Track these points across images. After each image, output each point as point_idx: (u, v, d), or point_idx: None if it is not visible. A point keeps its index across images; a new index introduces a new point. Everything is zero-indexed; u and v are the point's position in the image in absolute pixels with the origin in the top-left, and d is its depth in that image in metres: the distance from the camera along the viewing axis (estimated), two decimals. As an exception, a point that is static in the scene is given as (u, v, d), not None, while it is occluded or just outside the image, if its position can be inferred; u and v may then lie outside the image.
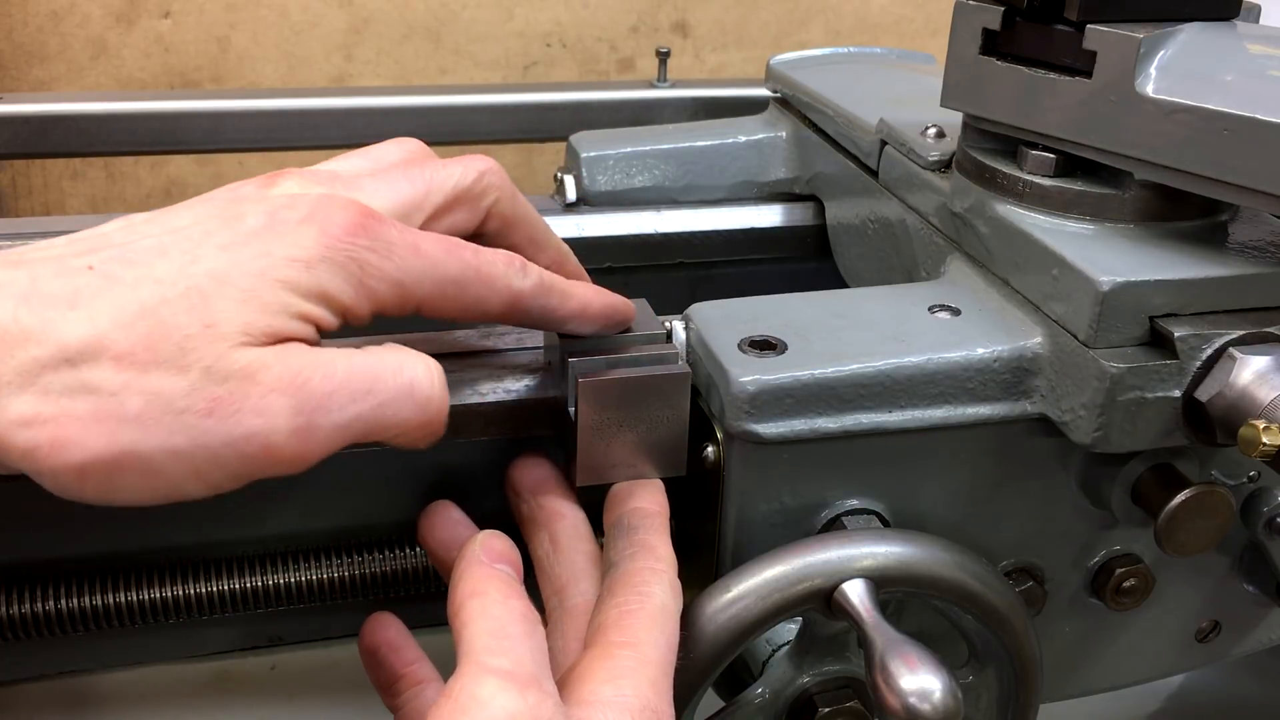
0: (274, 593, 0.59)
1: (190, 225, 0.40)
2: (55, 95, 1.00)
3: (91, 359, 0.37)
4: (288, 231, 0.40)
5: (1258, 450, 0.45)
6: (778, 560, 0.46)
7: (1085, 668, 0.60)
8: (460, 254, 0.43)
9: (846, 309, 0.53)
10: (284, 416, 0.38)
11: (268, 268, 0.39)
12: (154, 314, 0.37)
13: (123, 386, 0.37)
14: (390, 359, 0.42)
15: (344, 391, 0.40)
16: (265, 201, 0.41)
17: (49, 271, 0.38)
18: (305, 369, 0.39)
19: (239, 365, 0.38)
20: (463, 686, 0.38)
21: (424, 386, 0.42)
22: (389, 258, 0.41)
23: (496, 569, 0.43)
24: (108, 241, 0.40)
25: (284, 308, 0.39)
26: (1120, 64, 0.50)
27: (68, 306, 0.37)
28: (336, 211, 0.41)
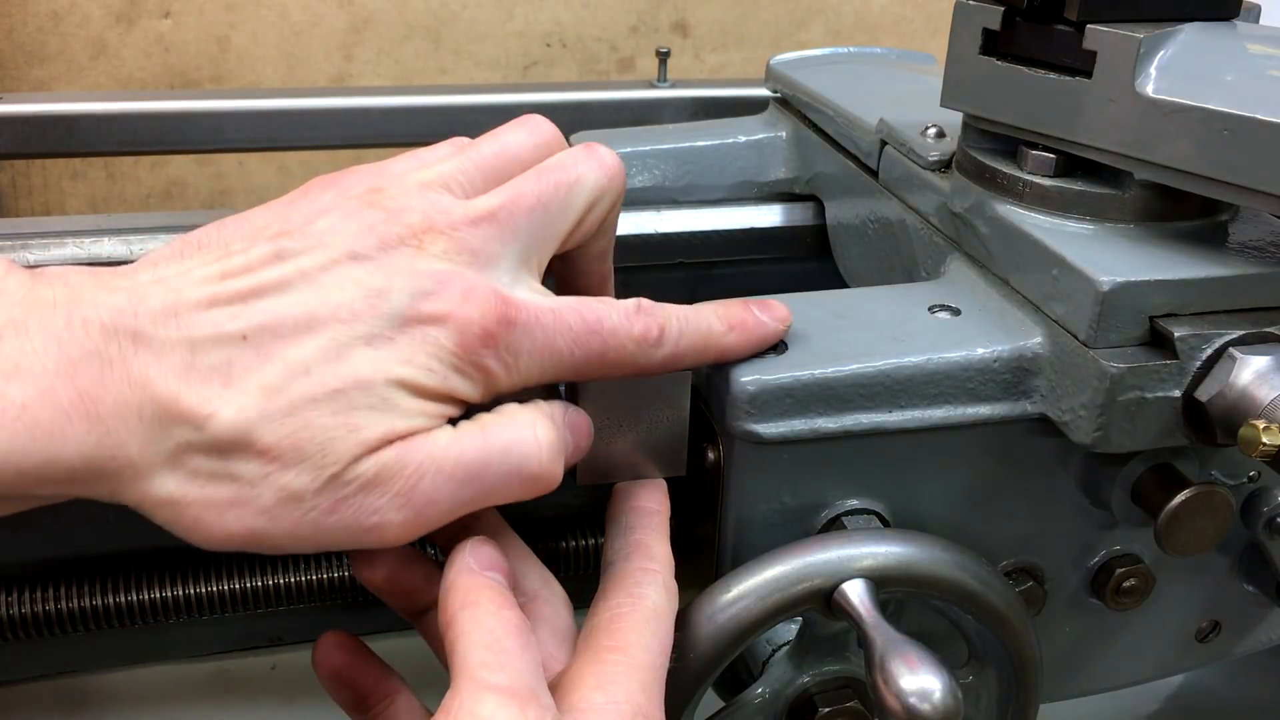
0: (274, 593, 0.59)
1: (336, 287, 0.40)
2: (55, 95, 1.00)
3: (240, 451, 0.38)
4: (429, 332, 0.40)
5: (1258, 450, 0.45)
6: (778, 560, 0.46)
7: (1085, 668, 0.60)
8: (589, 344, 0.44)
9: (846, 309, 0.53)
10: (395, 514, 0.40)
11: (408, 377, 0.40)
12: (301, 414, 0.39)
13: (262, 479, 0.38)
14: (500, 439, 0.42)
15: (452, 484, 0.41)
16: (412, 279, 0.41)
17: (205, 339, 0.38)
18: (420, 469, 0.40)
19: (364, 470, 0.39)
20: (461, 704, 0.38)
21: (533, 465, 0.43)
22: (515, 365, 0.42)
23: (487, 577, 0.43)
24: (258, 289, 0.40)
25: (418, 411, 0.40)
26: (1120, 64, 0.50)
27: (222, 384, 0.38)
28: (475, 315, 0.41)
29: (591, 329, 0.44)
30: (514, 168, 0.46)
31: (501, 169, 0.46)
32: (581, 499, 0.64)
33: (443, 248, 0.42)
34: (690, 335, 0.46)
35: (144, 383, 0.37)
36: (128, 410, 0.37)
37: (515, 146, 0.47)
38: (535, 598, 0.47)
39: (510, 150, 0.47)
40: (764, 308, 0.49)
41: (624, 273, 0.51)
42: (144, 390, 0.37)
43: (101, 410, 0.36)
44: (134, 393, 0.37)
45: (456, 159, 0.46)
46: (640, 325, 0.45)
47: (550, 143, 0.48)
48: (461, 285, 0.41)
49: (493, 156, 0.46)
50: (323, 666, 0.50)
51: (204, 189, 1.24)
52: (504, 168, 0.46)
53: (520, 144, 0.47)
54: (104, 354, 0.37)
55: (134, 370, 0.37)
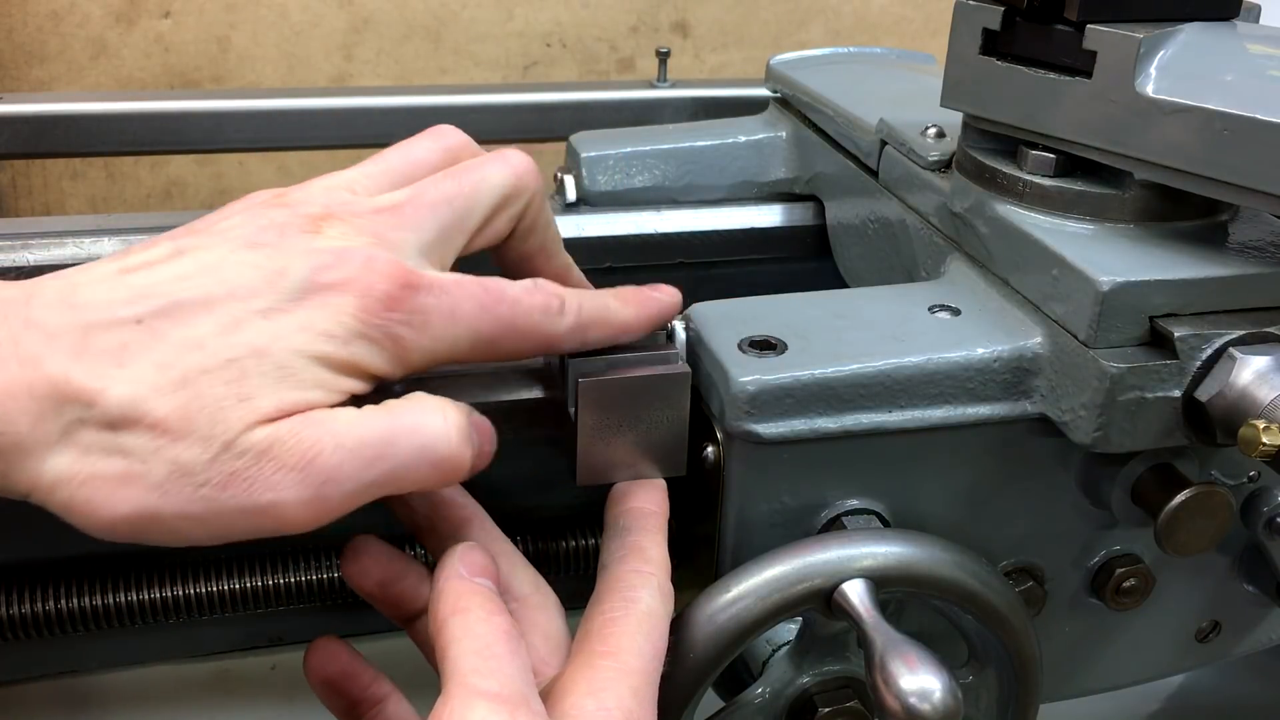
0: (274, 593, 0.59)
1: (234, 272, 0.40)
2: (55, 95, 1.00)
3: (130, 425, 0.38)
4: (329, 299, 0.40)
5: (1258, 450, 0.45)
6: (778, 560, 0.46)
7: (1085, 668, 0.60)
8: (496, 310, 0.44)
9: (846, 309, 0.53)
10: (293, 490, 0.39)
11: (306, 344, 0.39)
12: (193, 385, 0.38)
13: (153, 453, 0.38)
14: (408, 418, 0.41)
15: (354, 461, 0.40)
16: (310, 255, 0.41)
17: (99, 323, 0.38)
18: (318, 442, 0.39)
19: (257, 440, 0.38)
20: (452, 710, 0.38)
21: (441, 446, 0.42)
22: (424, 330, 0.42)
23: (477, 583, 0.43)
24: (156, 280, 0.40)
25: (317, 383, 0.40)
26: (1120, 64, 0.50)
27: (115, 364, 0.38)
28: (378, 281, 0.41)
29: (495, 298, 0.44)
30: (420, 172, 0.46)
31: (408, 173, 0.46)
32: (581, 499, 0.64)
33: (341, 230, 0.42)
34: (590, 308, 0.47)
35: (34, 362, 0.37)
36: (18, 387, 0.37)
37: (422, 153, 0.47)
38: (526, 602, 0.47)
39: (416, 157, 0.47)
40: (653, 288, 0.50)
41: (624, 273, 0.51)
42: (34, 368, 0.37)
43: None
44: (24, 370, 0.37)
45: (362, 166, 0.46)
46: (541, 296, 0.45)
47: (458, 148, 0.48)
48: (361, 256, 0.41)
49: (399, 162, 0.47)
50: (314, 674, 0.50)
51: (204, 189, 1.24)
52: (410, 172, 0.46)
53: (428, 150, 0.48)
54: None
55: (23, 350, 0.37)
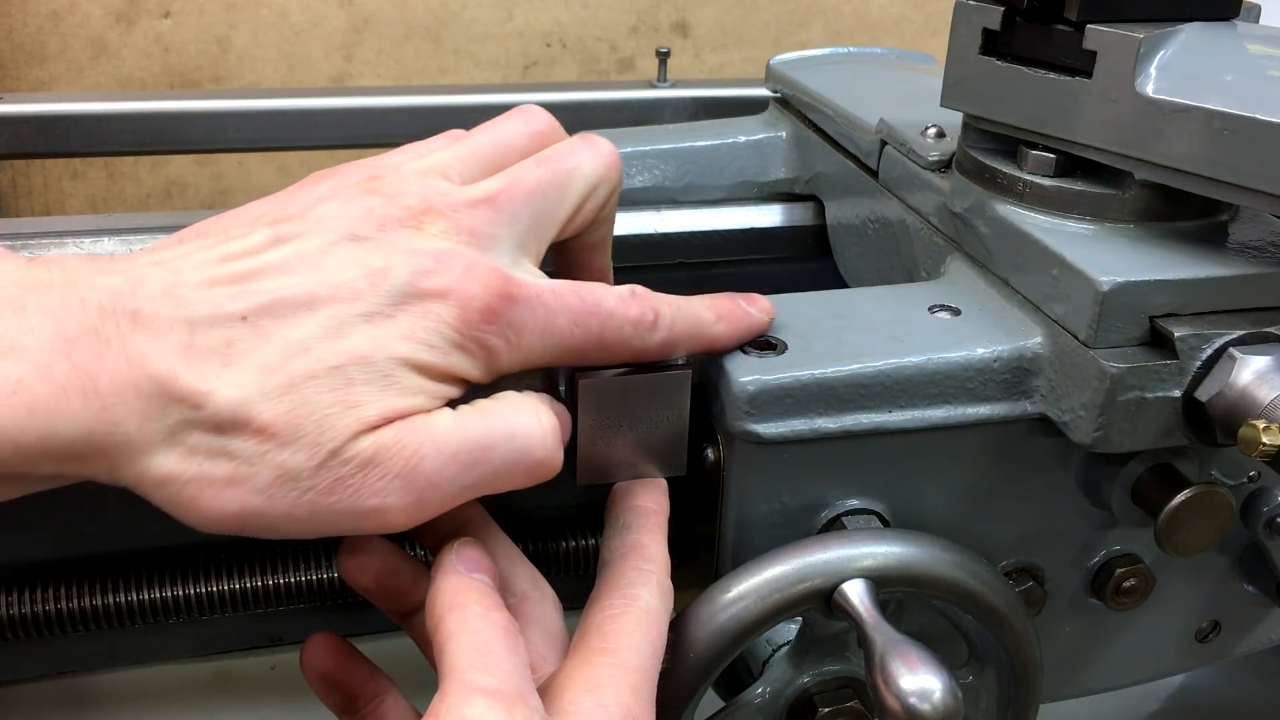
0: (274, 593, 0.59)
1: (335, 268, 0.40)
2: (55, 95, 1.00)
3: (238, 428, 0.38)
4: (430, 307, 0.40)
5: (1258, 450, 0.45)
6: (778, 560, 0.46)
7: (1085, 668, 0.60)
8: (588, 324, 0.44)
9: (846, 309, 0.53)
10: (396, 496, 0.39)
11: (409, 353, 0.40)
12: (299, 390, 0.38)
13: (260, 458, 0.38)
14: (504, 423, 0.42)
15: (454, 466, 0.40)
16: (412, 257, 0.41)
17: (204, 319, 0.38)
18: (420, 448, 0.40)
19: (363, 448, 0.39)
20: (449, 707, 0.38)
21: (537, 451, 0.42)
22: (518, 343, 0.42)
23: (474, 579, 0.43)
24: (259, 269, 0.40)
25: (419, 389, 0.40)
26: (1120, 64, 0.50)
27: (220, 364, 0.38)
28: (478, 291, 0.41)
29: (590, 310, 0.44)
30: (511, 156, 0.46)
31: (499, 157, 0.46)
32: (581, 499, 0.64)
33: (441, 228, 0.42)
34: (683, 322, 0.46)
35: (141, 360, 0.37)
36: (125, 386, 0.37)
37: (512, 136, 0.47)
38: (524, 598, 0.47)
39: (506, 139, 0.47)
40: (750, 300, 0.50)
41: (624, 273, 0.51)
42: (141, 367, 0.37)
43: (99, 386, 0.36)
44: (131, 369, 0.37)
45: (453, 148, 0.46)
46: (636, 309, 0.45)
47: (547, 132, 0.48)
48: (462, 262, 0.41)
49: (490, 145, 0.47)
50: (311, 669, 0.50)
51: (204, 189, 1.24)
52: (501, 156, 0.46)
53: (516, 133, 0.47)
54: (101, 331, 0.37)
55: (131, 347, 0.37)
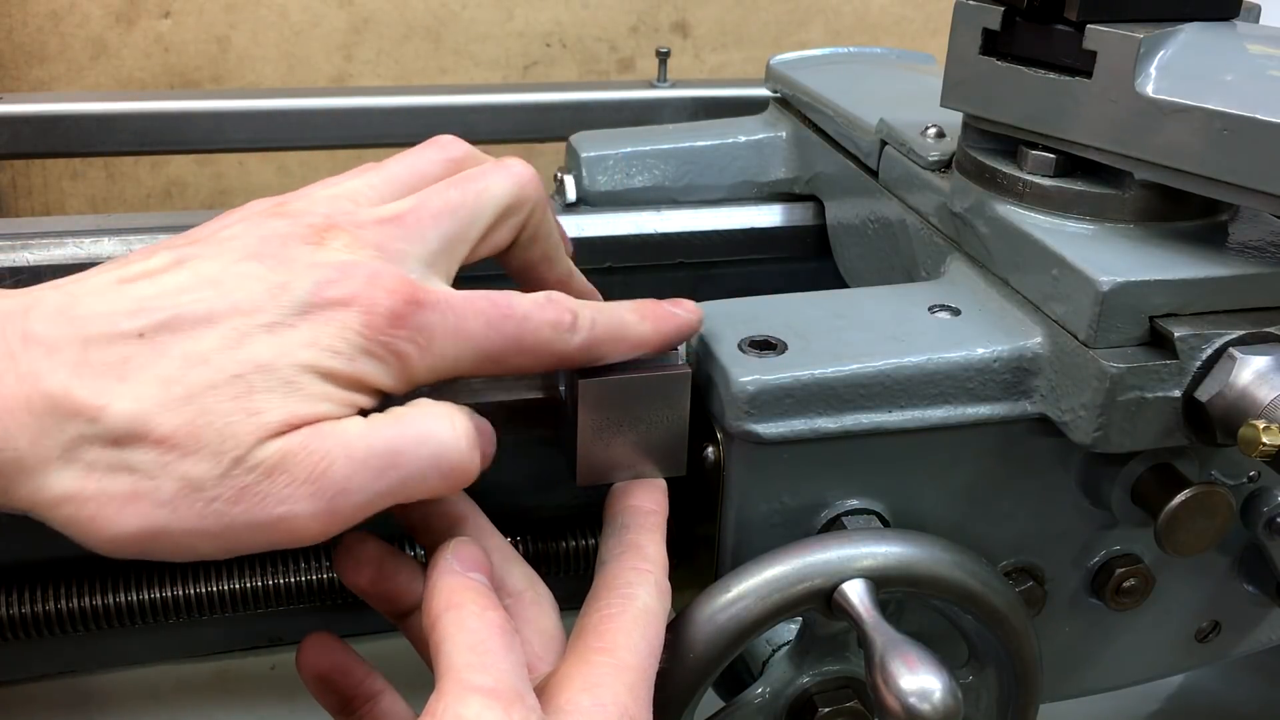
0: (274, 593, 0.59)
1: (236, 285, 0.40)
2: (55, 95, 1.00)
3: (136, 441, 0.37)
4: (334, 315, 0.40)
5: (1258, 450, 0.45)
6: (778, 560, 0.46)
7: (1085, 668, 0.60)
8: (503, 328, 0.43)
9: (846, 309, 0.53)
10: (305, 503, 0.39)
11: (312, 359, 0.39)
12: (199, 400, 0.38)
13: (161, 470, 0.37)
14: (416, 426, 0.41)
15: (365, 472, 0.40)
16: (314, 270, 0.40)
17: (100, 336, 0.38)
18: (329, 454, 0.39)
19: (268, 454, 0.38)
20: (446, 706, 0.38)
21: (451, 455, 0.42)
22: (429, 347, 0.41)
23: (471, 578, 0.43)
24: (157, 292, 0.39)
25: (324, 396, 0.39)
26: (1120, 64, 0.50)
27: (116, 379, 0.37)
28: (383, 297, 0.40)
29: (504, 313, 0.43)
30: (425, 184, 0.46)
31: (413, 184, 0.46)
32: (581, 499, 0.64)
33: (345, 242, 0.42)
34: (604, 323, 0.46)
35: (32, 377, 0.36)
36: (15, 403, 0.36)
37: (425, 165, 0.47)
38: (520, 598, 0.47)
39: (420, 168, 0.47)
40: (675, 304, 0.49)
41: (624, 273, 0.51)
42: (32, 384, 0.36)
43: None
44: (21, 386, 0.36)
45: (365, 176, 0.46)
46: (553, 311, 0.44)
47: (463, 159, 0.48)
48: (365, 271, 0.41)
49: (404, 173, 0.47)
50: (307, 669, 0.50)
51: (204, 189, 1.24)
52: (414, 184, 0.46)
53: (431, 161, 0.47)
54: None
55: (21, 365, 0.36)
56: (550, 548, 0.60)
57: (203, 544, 0.38)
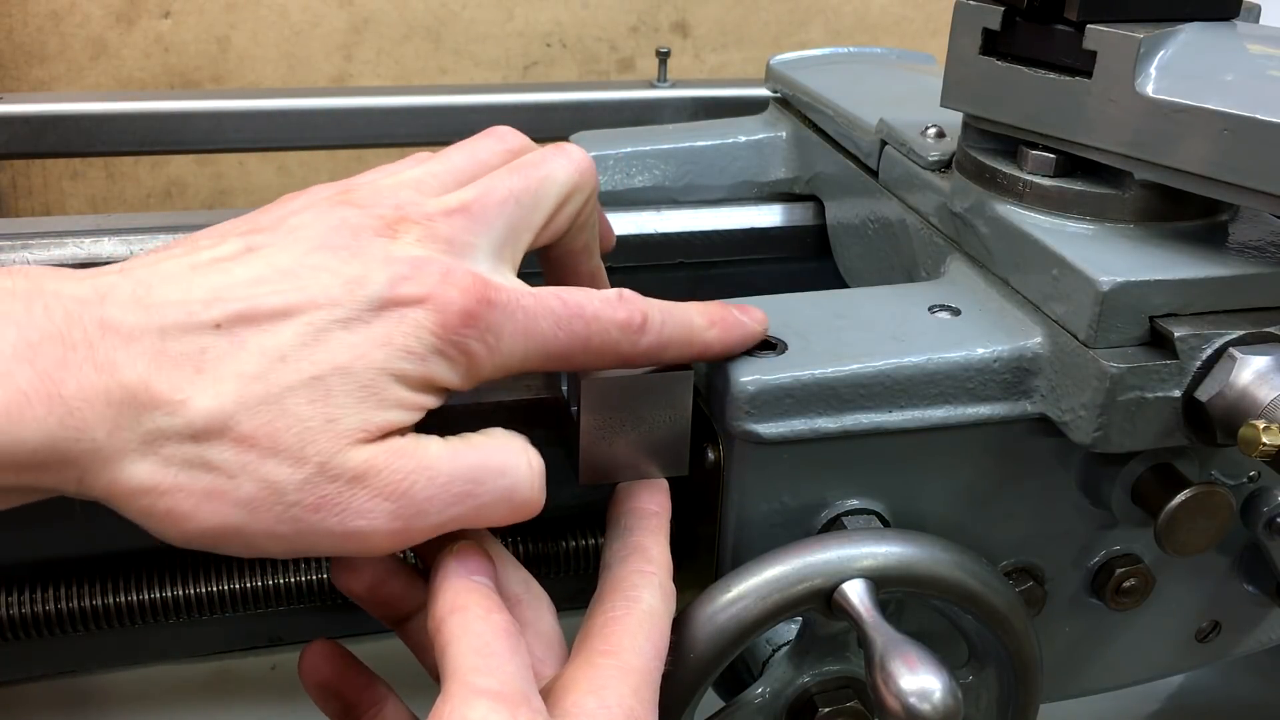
0: (274, 593, 0.59)
1: (310, 277, 0.39)
2: (55, 95, 1.00)
3: (215, 437, 0.37)
4: (407, 314, 0.40)
5: (1258, 450, 0.45)
6: (778, 560, 0.46)
7: (1085, 668, 0.60)
8: (572, 327, 0.43)
9: (846, 309, 0.53)
10: (384, 520, 0.39)
11: (387, 361, 0.39)
12: (279, 402, 0.38)
13: (240, 469, 0.37)
14: (496, 459, 0.42)
15: (444, 496, 0.40)
16: (388, 264, 0.40)
17: (176, 326, 0.38)
18: (411, 474, 0.39)
19: (351, 465, 0.38)
20: (452, 709, 0.38)
21: (524, 490, 0.42)
22: (498, 347, 0.42)
23: (475, 581, 0.43)
24: (232, 282, 0.39)
25: (397, 401, 0.39)
26: (1120, 64, 0.50)
27: (194, 370, 0.37)
28: (456, 296, 0.40)
29: (574, 313, 0.43)
30: (484, 172, 0.46)
31: (473, 173, 0.46)
32: (581, 499, 0.64)
33: (416, 236, 0.42)
34: (672, 326, 0.46)
35: (110, 367, 0.36)
36: (93, 393, 0.36)
37: (486, 154, 0.47)
38: (518, 602, 0.47)
39: (480, 157, 0.47)
40: (743, 310, 0.49)
41: (624, 273, 0.51)
42: (111, 374, 0.36)
43: (64, 391, 0.35)
44: (100, 376, 0.36)
45: (426, 165, 0.46)
46: (624, 312, 0.45)
47: (519, 150, 0.48)
48: (438, 268, 0.41)
49: (464, 161, 0.47)
50: (309, 677, 0.50)
51: (204, 189, 1.24)
52: (476, 171, 0.46)
53: (491, 151, 0.47)
54: (67, 338, 0.36)
55: (99, 355, 0.36)
56: (550, 548, 0.60)
57: (272, 545, 0.39)
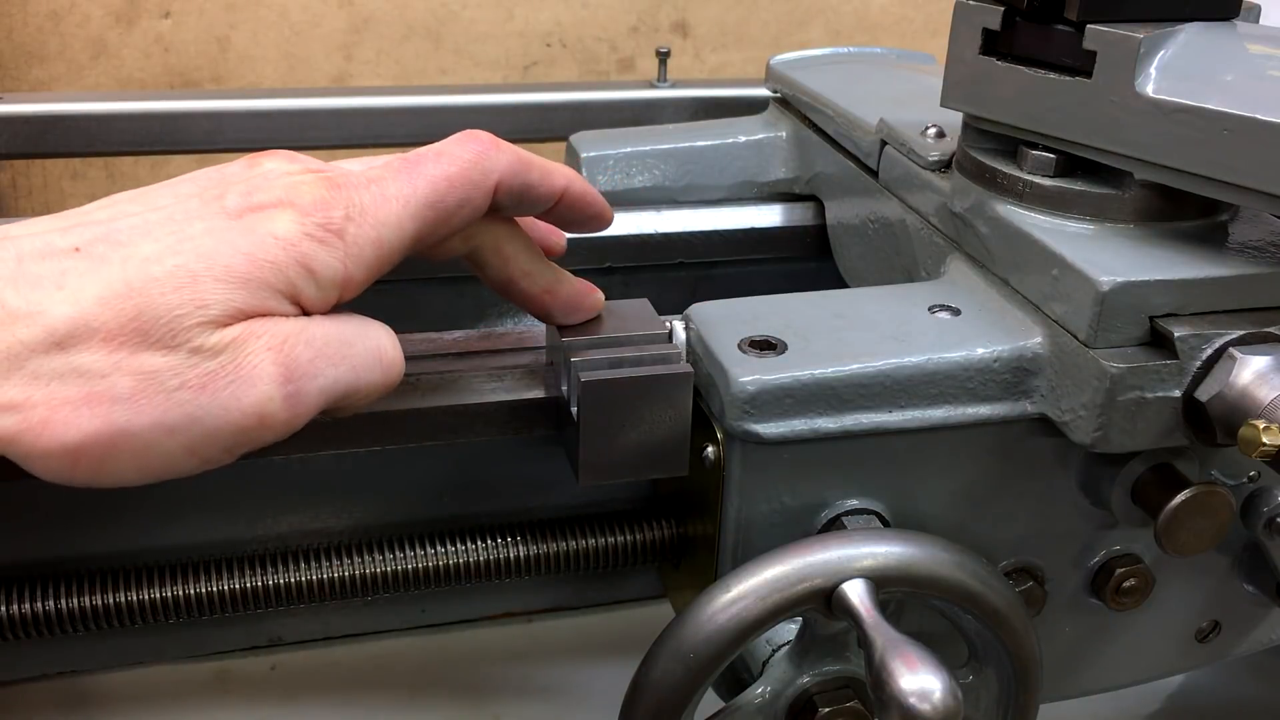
0: (274, 593, 0.58)
1: (172, 204, 0.41)
2: (55, 95, 1.00)
3: (81, 341, 0.37)
4: (268, 213, 0.41)
5: (1258, 450, 0.45)
6: (778, 560, 0.46)
7: (1085, 668, 0.60)
8: (424, 170, 0.44)
9: (846, 309, 0.53)
10: (275, 385, 0.39)
11: (253, 247, 0.39)
12: (142, 293, 0.37)
13: (113, 368, 0.37)
14: (356, 325, 0.43)
15: (324, 357, 0.41)
16: (245, 182, 0.42)
17: (34, 252, 0.38)
18: (289, 337, 0.40)
19: (228, 339, 0.38)
20: None
21: (389, 350, 0.44)
22: (364, 219, 0.42)
23: None
24: (91, 220, 0.40)
25: (269, 285, 0.39)
26: (1120, 64, 0.50)
27: (54, 287, 0.37)
28: (305, 185, 0.42)
29: (419, 159, 0.44)
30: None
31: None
32: (581, 499, 0.64)
33: (279, 160, 0.44)
34: (537, 159, 0.48)
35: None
36: None
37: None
38: None
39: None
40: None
41: (624, 273, 0.51)
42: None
43: None
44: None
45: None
46: (471, 140, 0.46)
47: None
48: (286, 179, 0.42)
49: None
50: None
51: (204, 189, 1.24)
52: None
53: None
54: None
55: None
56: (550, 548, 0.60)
57: (169, 441, 0.38)
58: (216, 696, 0.70)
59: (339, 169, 0.44)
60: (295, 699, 0.70)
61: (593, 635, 0.75)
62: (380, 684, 0.70)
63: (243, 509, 0.64)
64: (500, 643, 0.73)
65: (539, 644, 0.74)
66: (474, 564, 0.58)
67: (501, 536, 0.59)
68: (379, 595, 0.58)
